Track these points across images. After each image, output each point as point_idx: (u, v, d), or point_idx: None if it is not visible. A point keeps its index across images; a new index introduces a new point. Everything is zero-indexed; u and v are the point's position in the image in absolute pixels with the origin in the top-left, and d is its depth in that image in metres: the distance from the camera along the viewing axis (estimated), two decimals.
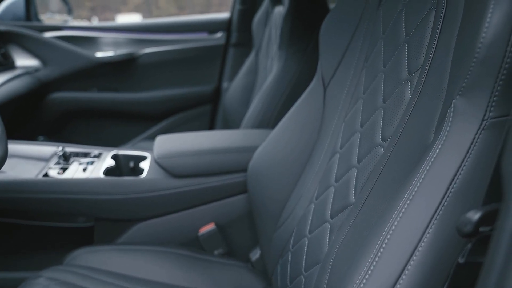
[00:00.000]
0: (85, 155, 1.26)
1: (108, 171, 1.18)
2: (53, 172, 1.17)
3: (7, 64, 1.85)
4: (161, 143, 1.22)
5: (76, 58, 1.99)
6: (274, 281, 0.93)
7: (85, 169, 1.19)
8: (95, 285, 0.89)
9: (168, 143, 1.23)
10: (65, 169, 1.19)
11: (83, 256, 1.02)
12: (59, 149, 1.24)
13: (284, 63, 1.38)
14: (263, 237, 1.00)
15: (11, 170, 1.16)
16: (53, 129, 2.05)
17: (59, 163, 1.21)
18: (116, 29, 2.17)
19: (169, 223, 1.16)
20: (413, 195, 0.52)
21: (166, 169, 1.15)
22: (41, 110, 2.00)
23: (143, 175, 1.16)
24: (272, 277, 0.95)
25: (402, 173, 0.58)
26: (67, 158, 1.22)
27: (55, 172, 1.17)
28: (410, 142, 0.61)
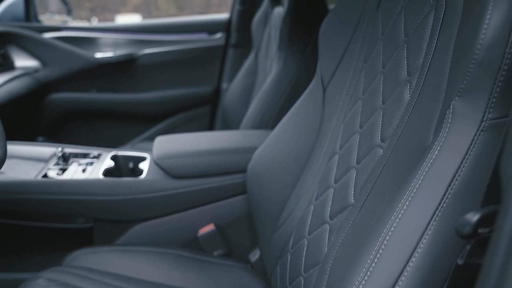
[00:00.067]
0: (85, 156, 1.26)
1: (107, 172, 1.18)
2: (52, 173, 1.17)
3: (7, 64, 1.85)
4: (160, 144, 1.22)
5: (75, 58, 1.99)
6: (273, 282, 0.93)
7: (84, 170, 1.19)
8: (95, 286, 0.89)
9: (167, 144, 1.23)
10: (64, 170, 1.19)
11: (82, 257, 1.02)
12: (59, 150, 1.24)
13: (283, 64, 1.38)
14: (263, 238, 1.00)
15: (10, 171, 1.16)
16: (52, 130, 2.05)
17: (59, 164, 1.21)
18: (115, 30, 2.17)
19: (168, 224, 1.16)
20: (412, 197, 0.52)
21: (165, 170, 1.15)
22: (41, 110, 2.00)
23: (143, 176, 1.16)
24: (271, 278, 0.95)
25: (401, 174, 0.58)
26: (66, 159, 1.22)
27: (55, 173, 1.17)
28: (409, 143, 0.61)
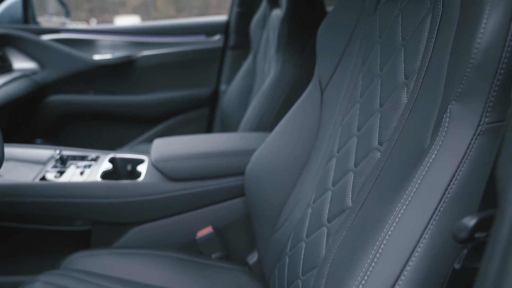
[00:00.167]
0: (82, 159, 1.26)
1: (105, 175, 1.18)
2: (50, 175, 1.17)
3: (5, 67, 1.85)
4: (158, 147, 1.22)
5: (73, 60, 1.99)
6: (271, 284, 0.93)
7: (82, 173, 1.18)
8: None
9: (165, 146, 1.23)
10: (62, 173, 1.18)
11: (80, 260, 1.02)
12: (56, 153, 1.23)
13: (281, 66, 1.38)
14: (261, 241, 1.00)
15: (8, 173, 1.16)
16: (50, 132, 2.05)
17: (56, 167, 1.21)
18: (113, 32, 2.17)
19: (166, 226, 1.15)
20: (409, 200, 0.52)
21: (163, 172, 1.15)
22: (39, 113, 2.00)
23: (141, 178, 1.16)
24: (269, 280, 0.95)
25: (398, 177, 0.59)
26: (64, 161, 1.22)
27: (52, 175, 1.17)
28: (406, 146, 0.61)
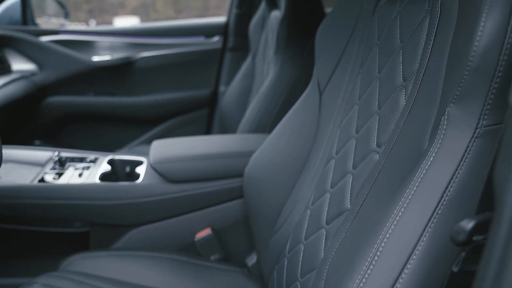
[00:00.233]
0: (81, 160, 1.26)
1: (104, 176, 1.18)
2: (48, 177, 1.17)
3: (3, 68, 1.85)
4: (157, 148, 1.22)
5: (72, 62, 1.99)
6: (270, 286, 0.93)
7: (80, 174, 1.18)
8: None
9: (164, 148, 1.23)
10: (60, 175, 1.18)
11: (79, 262, 1.02)
12: (55, 154, 1.23)
13: (280, 67, 1.38)
14: (260, 242, 1.00)
15: (7, 175, 1.16)
16: (49, 134, 2.05)
17: (55, 168, 1.21)
18: (112, 33, 2.17)
19: (165, 228, 1.15)
20: (407, 203, 0.52)
21: (162, 174, 1.15)
22: (38, 114, 1.99)
23: (139, 180, 1.16)
24: (268, 282, 0.95)
25: (396, 179, 0.59)
26: (62, 163, 1.22)
27: (51, 177, 1.17)
28: (404, 148, 0.61)
